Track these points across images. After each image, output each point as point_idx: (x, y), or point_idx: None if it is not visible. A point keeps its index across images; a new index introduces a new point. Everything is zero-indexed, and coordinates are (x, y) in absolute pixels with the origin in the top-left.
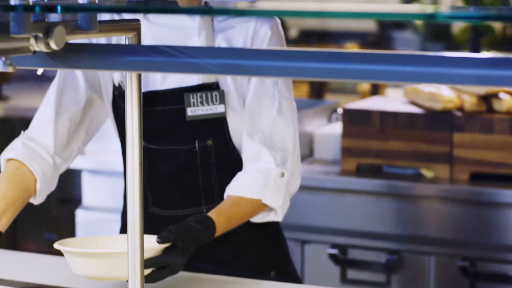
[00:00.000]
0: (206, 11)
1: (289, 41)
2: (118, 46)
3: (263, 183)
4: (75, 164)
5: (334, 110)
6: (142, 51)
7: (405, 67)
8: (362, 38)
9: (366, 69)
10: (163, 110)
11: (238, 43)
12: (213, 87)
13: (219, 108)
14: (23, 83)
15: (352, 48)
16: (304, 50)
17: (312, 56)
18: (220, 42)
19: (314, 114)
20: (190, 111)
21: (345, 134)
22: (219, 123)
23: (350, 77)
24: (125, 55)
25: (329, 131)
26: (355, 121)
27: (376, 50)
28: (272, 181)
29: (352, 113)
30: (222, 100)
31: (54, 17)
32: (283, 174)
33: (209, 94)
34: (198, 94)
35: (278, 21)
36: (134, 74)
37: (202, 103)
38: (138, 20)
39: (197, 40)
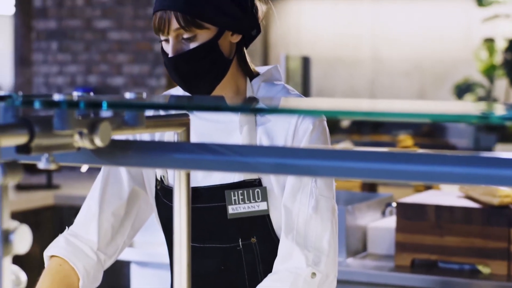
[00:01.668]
0: (255, 110)
1: (341, 131)
2: (166, 144)
3: (292, 283)
4: (124, 256)
5: (388, 204)
6: (191, 149)
7: (459, 168)
8: (415, 128)
9: (419, 171)
10: (203, 207)
11: (280, 138)
12: (255, 183)
13: (261, 206)
14: (73, 172)
15: (405, 139)
16: (360, 150)
17: (370, 156)
18: (261, 135)
19: (367, 208)
20: (232, 209)
21: (399, 228)
22: (262, 220)
23: (404, 178)
24: (174, 153)
25: (382, 225)
26: (409, 215)
27: (428, 150)
28: (302, 281)
29: (406, 207)
30: (265, 198)
31: (99, 111)
32: (314, 275)
33: (250, 191)
34: (240, 192)
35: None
36: (182, 172)
37: (243, 200)
38: (187, 115)
39: (239, 134)
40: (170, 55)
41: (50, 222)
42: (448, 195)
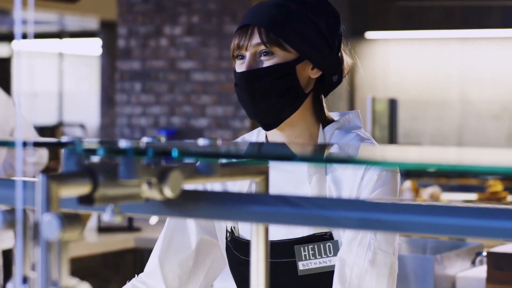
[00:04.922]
0: (322, 160)
1: (428, 175)
2: (242, 195)
3: None
4: None
5: (478, 253)
6: (269, 201)
7: None
8: None
9: (504, 227)
10: (273, 263)
11: (346, 188)
12: (326, 237)
13: (333, 261)
14: None
15: (494, 184)
16: (450, 205)
17: (461, 211)
18: (330, 184)
19: (456, 257)
20: (302, 265)
21: (490, 279)
22: None
23: (491, 236)
24: (251, 205)
25: (472, 275)
26: (501, 265)
27: None
28: None
29: (497, 257)
30: (337, 252)
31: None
32: None
33: (321, 246)
34: (310, 246)
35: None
36: (261, 226)
37: (314, 255)
38: (266, 162)
39: (308, 184)
40: (243, 69)
41: (130, 265)
42: None
